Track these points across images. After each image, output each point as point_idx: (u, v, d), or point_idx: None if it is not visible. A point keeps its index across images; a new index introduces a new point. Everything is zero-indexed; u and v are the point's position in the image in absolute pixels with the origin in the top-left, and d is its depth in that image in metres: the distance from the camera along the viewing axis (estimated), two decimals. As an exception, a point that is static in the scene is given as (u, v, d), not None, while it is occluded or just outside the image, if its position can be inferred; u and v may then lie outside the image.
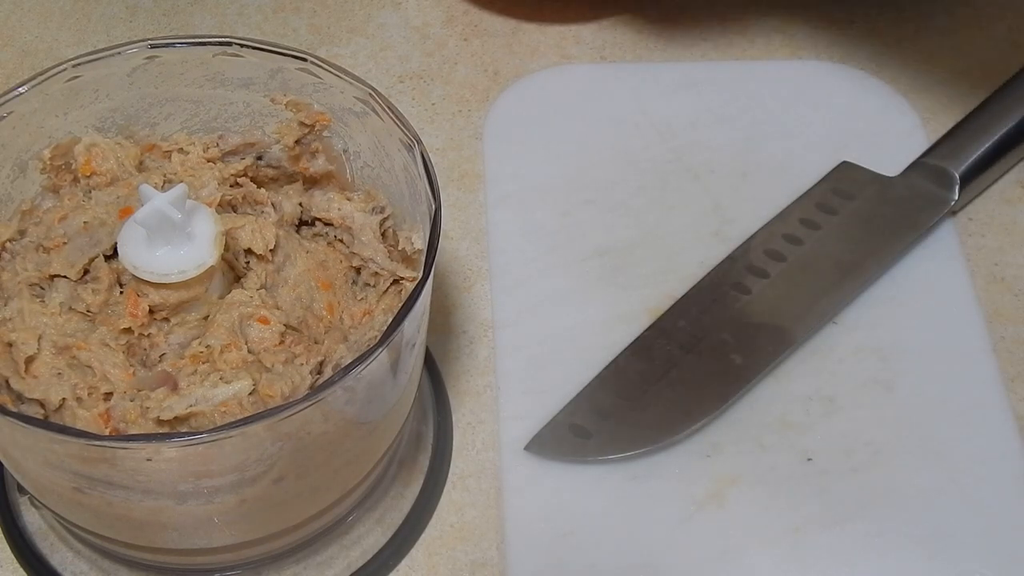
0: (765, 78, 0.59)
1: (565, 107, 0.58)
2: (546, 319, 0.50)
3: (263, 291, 0.40)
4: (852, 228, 0.52)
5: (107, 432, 0.36)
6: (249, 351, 0.38)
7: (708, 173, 0.55)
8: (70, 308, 0.38)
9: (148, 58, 0.40)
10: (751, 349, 0.48)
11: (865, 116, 0.58)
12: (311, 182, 0.44)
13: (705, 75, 0.59)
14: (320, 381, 0.38)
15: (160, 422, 0.36)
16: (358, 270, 0.42)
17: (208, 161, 0.42)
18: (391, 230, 0.42)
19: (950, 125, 0.56)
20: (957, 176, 0.53)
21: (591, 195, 0.54)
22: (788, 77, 0.59)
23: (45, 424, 0.33)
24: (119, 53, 0.40)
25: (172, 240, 0.36)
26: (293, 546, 0.42)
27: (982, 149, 0.54)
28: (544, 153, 0.56)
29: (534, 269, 0.52)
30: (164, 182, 0.41)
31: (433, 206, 0.37)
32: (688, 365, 0.47)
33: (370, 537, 0.44)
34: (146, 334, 0.38)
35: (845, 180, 0.54)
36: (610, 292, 0.51)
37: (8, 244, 0.40)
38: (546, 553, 0.44)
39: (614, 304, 0.50)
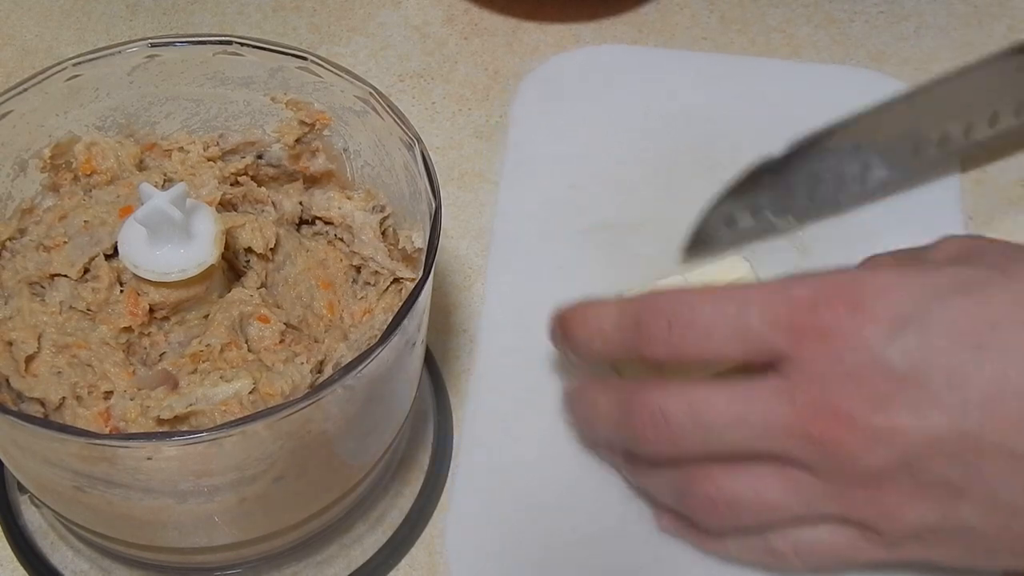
0: (772, 77, 0.59)
1: (595, 88, 0.58)
2: (543, 294, 0.50)
3: (263, 290, 0.40)
4: None
5: (107, 431, 0.36)
6: (249, 350, 0.38)
7: (719, 165, 0.55)
8: (70, 307, 0.38)
9: (148, 57, 0.40)
10: None
11: None
12: (311, 181, 0.44)
13: (725, 68, 0.59)
14: (320, 380, 0.38)
15: (160, 421, 0.36)
16: (358, 269, 0.42)
17: (208, 160, 0.42)
18: (391, 229, 0.42)
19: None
20: None
21: (600, 169, 0.55)
22: (791, 76, 0.59)
23: (45, 423, 0.33)
24: (119, 52, 0.40)
25: (172, 239, 0.36)
26: (293, 545, 0.42)
27: None
28: (568, 131, 0.56)
29: (535, 245, 0.52)
30: (164, 181, 0.41)
31: (433, 205, 0.37)
32: None
33: (370, 536, 0.44)
34: (146, 333, 0.38)
35: None
36: (608, 271, 0.51)
37: (8, 243, 0.40)
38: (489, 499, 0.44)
39: (612, 284, 0.50)
